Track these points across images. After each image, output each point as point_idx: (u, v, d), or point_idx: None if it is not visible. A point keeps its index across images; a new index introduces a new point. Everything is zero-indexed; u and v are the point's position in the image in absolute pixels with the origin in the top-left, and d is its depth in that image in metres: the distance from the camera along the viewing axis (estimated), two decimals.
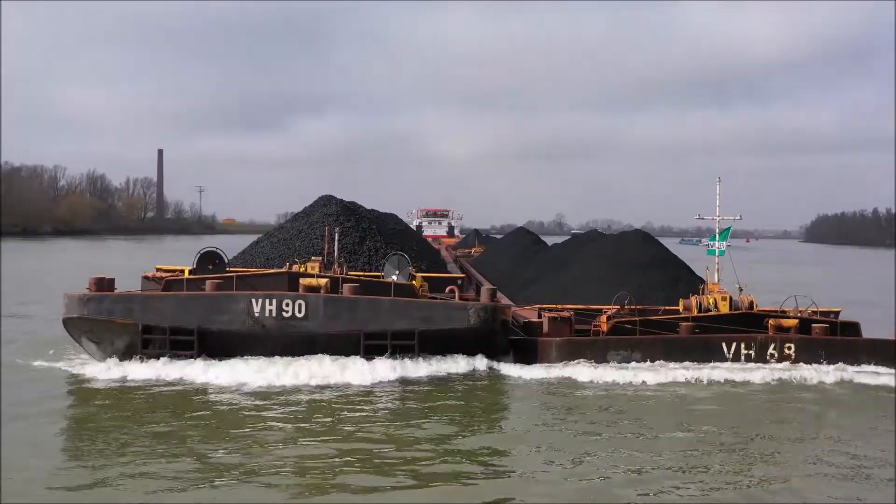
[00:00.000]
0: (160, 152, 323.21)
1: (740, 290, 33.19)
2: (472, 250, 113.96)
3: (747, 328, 30.02)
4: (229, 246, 43.89)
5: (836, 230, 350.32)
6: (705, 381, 27.45)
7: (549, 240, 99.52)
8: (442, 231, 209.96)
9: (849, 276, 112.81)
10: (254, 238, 45.86)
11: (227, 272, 32.54)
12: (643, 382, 27.23)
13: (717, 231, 35.14)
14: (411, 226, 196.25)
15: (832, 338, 29.64)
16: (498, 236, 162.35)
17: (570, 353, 29.17)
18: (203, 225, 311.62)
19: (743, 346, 29.14)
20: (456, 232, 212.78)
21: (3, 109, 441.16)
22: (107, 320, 28.44)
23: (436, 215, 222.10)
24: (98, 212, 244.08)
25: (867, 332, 31.67)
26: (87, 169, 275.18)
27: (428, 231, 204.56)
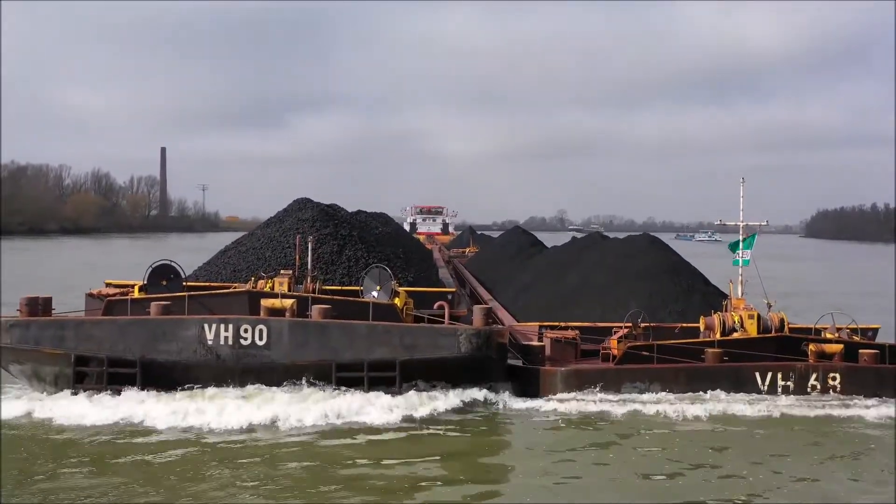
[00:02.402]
0: (163, 150, 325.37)
1: (769, 306, 29.01)
2: (467, 250, 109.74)
3: (783, 354, 25.81)
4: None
5: (836, 225, 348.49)
6: (738, 417, 23.42)
7: (551, 236, 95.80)
8: (436, 228, 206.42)
9: (849, 272, 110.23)
10: None
11: (187, 287, 28.36)
12: (666, 420, 23.10)
13: (741, 238, 30.98)
14: (405, 223, 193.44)
15: (883, 366, 25.43)
16: (494, 235, 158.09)
17: (577, 385, 25.03)
18: (206, 222, 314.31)
19: (780, 376, 24.96)
20: (450, 229, 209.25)
21: (8, 109, 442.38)
22: (34, 350, 24.25)
23: (430, 212, 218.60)
24: (103, 210, 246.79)
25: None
26: (93, 168, 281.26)
27: (422, 228, 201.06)
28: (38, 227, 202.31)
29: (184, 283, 28.63)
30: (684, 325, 30.61)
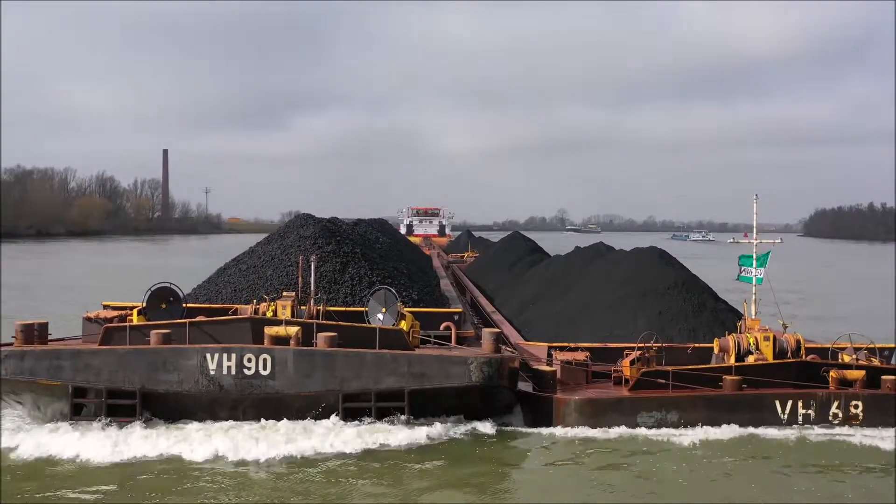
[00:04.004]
0: (165, 152, 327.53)
1: (784, 327, 28.28)
2: (466, 255, 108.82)
3: (802, 381, 25.04)
4: (237, 243, 39.50)
5: (834, 225, 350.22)
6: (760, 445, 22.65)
7: (549, 236, 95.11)
8: (433, 230, 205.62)
9: (847, 276, 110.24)
10: (260, 237, 41.27)
11: (187, 309, 27.64)
12: (691, 452, 22.28)
13: (754, 256, 30.28)
14: (402, 225, 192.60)
15: None
16: (493, 237, 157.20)
17: (592, 414, 24.21)
18: (210, 224, 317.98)
19: (800, 404, 24.22)
20: (447, 231, 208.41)
21: (12, 111, 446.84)
22: (29, 381, 23.41)
23: (426, 214, 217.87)
24: (108, 213, 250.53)
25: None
26: (97, 171, 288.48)
27: (419, 230, 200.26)
28: (45, 230, 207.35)
29: (183, 306, 27.89)
30: (697, 345, 29.84)
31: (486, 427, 24.10)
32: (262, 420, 23.42)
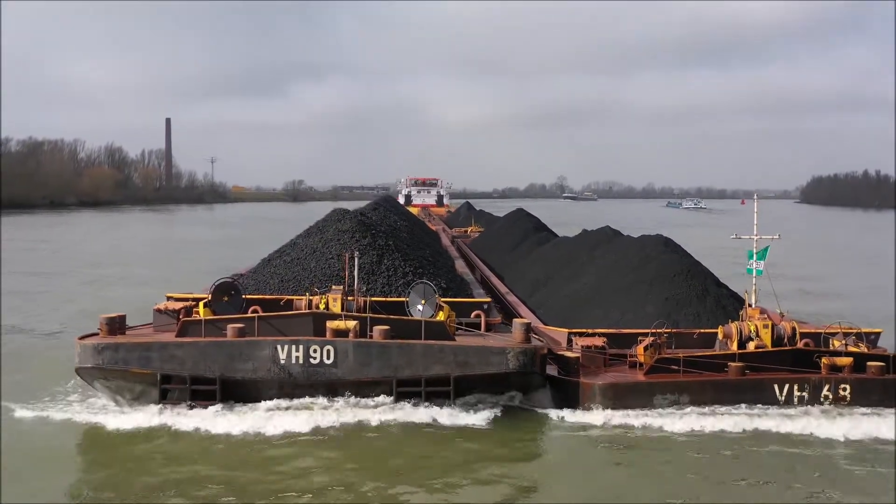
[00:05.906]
0: (168, 121, 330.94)
1: (781, 315, 31.76)
2: (469, 230, 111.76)
3: (798, 367, 28.51)
4: (244, 215, 42.83)
5: (830, 192, 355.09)
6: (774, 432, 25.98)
7: (547, 203, 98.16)
8: (431, 200, 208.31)
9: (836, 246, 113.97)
10: (264, 205, 44.74)
11: (246, 300, 31.02)
12: (708, 434, 25.70)
13: (755, 251, 33.66)
14: (400, 196, 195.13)
15: (888, 377, 28.20)
16: (495, 205, 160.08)
17: (613, 397, 27.64)
18: (216, 193, 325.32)
19: (796, 387, 27.72)
20: (445, 201, 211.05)
21: (16, 84, 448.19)
22: (123, 370, 26.80)
23: (424, 184, 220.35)
24: (117, 183, 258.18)
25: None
26: (106, 142, 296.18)
27: (417, 200, 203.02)
28: (58, 200, 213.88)
29: (243, 297, 31.23)
30: (702, 330, 33.19)
31: (517, 408, 27.64)
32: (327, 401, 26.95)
